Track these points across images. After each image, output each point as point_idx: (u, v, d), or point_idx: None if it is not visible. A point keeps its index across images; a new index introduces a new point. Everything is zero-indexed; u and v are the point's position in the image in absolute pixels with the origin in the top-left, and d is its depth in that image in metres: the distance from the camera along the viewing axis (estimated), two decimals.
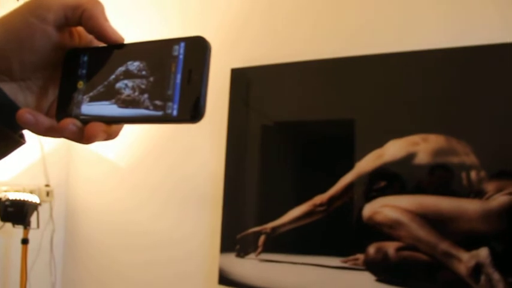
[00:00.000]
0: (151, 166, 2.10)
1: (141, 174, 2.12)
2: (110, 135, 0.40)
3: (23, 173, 2.17)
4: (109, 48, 0.40)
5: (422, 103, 1.48)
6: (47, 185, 2.25)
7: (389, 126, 1.52)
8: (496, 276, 1.32)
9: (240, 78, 1.83)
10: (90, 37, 0.41)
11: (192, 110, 0.35)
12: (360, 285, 1.52)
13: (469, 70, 1.42)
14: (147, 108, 0.37)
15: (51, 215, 2.27)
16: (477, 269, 1.35)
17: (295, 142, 1.74)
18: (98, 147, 2.26)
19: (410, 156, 1.47)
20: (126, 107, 0.38)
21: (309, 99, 1.68)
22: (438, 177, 1.45)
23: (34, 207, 2.00)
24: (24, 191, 2.08)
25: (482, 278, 1.34)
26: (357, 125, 1.60)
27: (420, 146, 1.46)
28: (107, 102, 0.39)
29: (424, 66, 1.49)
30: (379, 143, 1.52)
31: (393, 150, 1.50)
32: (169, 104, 0.36)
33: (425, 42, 1.50)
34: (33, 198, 2.00)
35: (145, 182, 2.11)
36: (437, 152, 1.44)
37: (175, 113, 0.36)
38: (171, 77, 0.36)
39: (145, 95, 0.37)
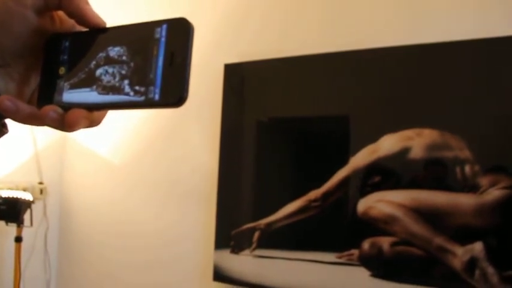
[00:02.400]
0: (145, 163, 2.08)
1: (135, 171, 2.11)
2: (93, 122, 0.39)
3: (16, 171, 2.16)
4: (90, 33, 0.39)
5: (416, 98, 1.48)
6: (41, 183, 2.23)
7: (384, 121, 1.52)
8: (490, 270, 1.32)
9: (234, 73, 1.82)
10: (72, 22, 0.40)
11: (174, 94, 0.34)
12: (354, 280, 1.52)
13: (462, 65, 1.42)
14: (128, 93, 0.36)
15: (45, 213, 2.26)
16: (471, 264, 1.35)
17: (289, 138, 1.74)
18: (92, 144, 2.25)
19: (405, 151, 1.47)
20: (107, 93, 0.37)
21: (303, 95, 1.68)
22: (432, 172, 1.45)
23: (27, 204, 1.99)
24: (17, 188, 2.06)
25: (477, 272, 1.34)
26: (352, 120, 1.60)
27: (414, 141, 1.46)
28: (88, 89, 0.38)
29: (418, 61, 1.49)
30: (374, 138, 1.52)
31: (387, 145, 1.50)
32: (151, 88, 0.35)
33: (418, 37, 1.50)
34: (26, 196, 1.99)
35: (139, 178, 2.10)
36: (432, 147, 1.43)
37: (157, 97, 0.35)
38: (153, 61, 0.35)
39: (127, 80, 0.36)
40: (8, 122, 0.42)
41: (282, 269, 1.65)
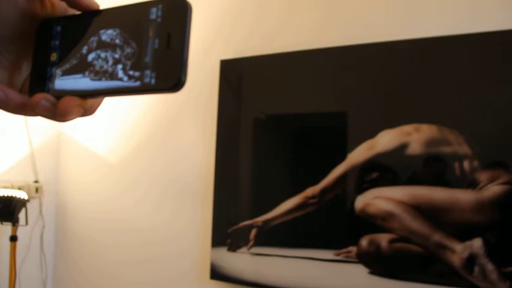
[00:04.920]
0: (141, 161, 2.07)
1: (131, 169, 2.10)
2: (87, 111, 0.37)
3: (11, 169, 2.14)
4: (83, 16, 0.38)
5: (414, 93, 1.46)
6: (36, 181, 2.21)
7: (381, 117, 1.50)
8: (489, 267, 1.31)
9: (230, 69, 1.81)
10: (64, 5, 0.39)
11: (171, 78, 0.32)
12: (352, 277, 1.50)
13: (461, 59, 1.41)
14: (123, 78, 0.34)
15: (40, 212, 2.24)
16: (471, 260, 1.34)
17: (287, 134, 1.72)
18: (88, 142, 2.23)
19: (403, 147, 1.45)
20: (101, 78, 0.35)
21: (300, 91, 1.66)
22: (431, 168, 1.43)
23: (22, 203, 1.97)
24: (12, 187, 2.04)
25: (476, 269, 1.33)
26: (349, 116, 1.58)
27: (412, 136, 1.44)
28: (80, 75, 0.36)
29: (416, 56, 1.47)
30: (372, 134, 1.50)
31: (385, 140, 1.48)
32: (147, 72, 0.33)
33: (417, 32, 1.48)
34: (21, 195, 1.97)
35: (135, 176, 2.08)
36: (430, 142, 1.42)
37: (153, 81, 0.33)
38: (148, 43, 0.33)
39: (121, 64, 0.34)
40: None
41: (279, 267, 1.63)
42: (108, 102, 2.00)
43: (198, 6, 1.93)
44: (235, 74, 1.80)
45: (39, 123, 2.20)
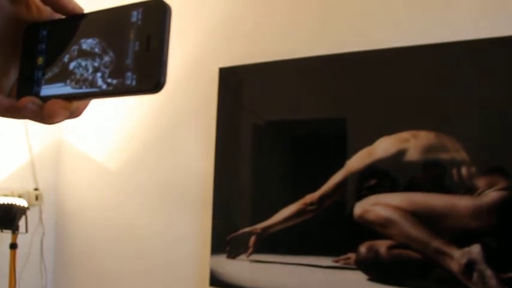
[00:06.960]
0: (141, 168, 2.07)
1: (131, 176, 2.10)
2: (73, 113, 0.38)
3: (11, 177, 2.14)
4: (67, 20, 0.39)
5: (412, 100, 1.47)
6: (36, 189, 2.21)
7: (380, 123, 1.51)
8: (488, 272, 1.31)
9: (229, 77, 1.82)
10: (49, 9, 0.39)
11: (151, 79, 0.33)
12: (351, 284, 1.51)
13: (458, 66, 1.41)
14: (105, 80, 0.35)
15: (40, 219, 2.24)
16: (469, 266, 1.34)
17: (286, 141, 1.73)
18: (88, 149, 2.24)
19: (401, 153, 1.46)
20: (81, 87, 0.36)
21: (299, 98, 1.67)
22: (429, 174, 1.44)
23: (22, 211, 1.97)
24: (12, 195, 2.04)
25: (475, 274, 1.33)
26: (348, 123, 1.59)
27: (410, 143, 1.45)
28: (62, 84, 0.37)
29: (414, 63, 1.48)
30: (370, 141, 1.51)
31: (383, 147, 1.49)
32: (128, 74, 0.34)
33: (414, 39, 1.49)
34: (21, 202, 1.97)
35: (135, 183, 2.08)
36: (428, 149, 1.43)
37: (134, 83, 0.33)
38: (129, 45, 0.34)
39: (104, 67, 0.35)
40: None
41: (279, 274, 1.63)
42: (107, 109, 2.01)
43: (197, 14, 1.94)
44: (234, 81, 1.81)
45: (38, 130, 2.21)
